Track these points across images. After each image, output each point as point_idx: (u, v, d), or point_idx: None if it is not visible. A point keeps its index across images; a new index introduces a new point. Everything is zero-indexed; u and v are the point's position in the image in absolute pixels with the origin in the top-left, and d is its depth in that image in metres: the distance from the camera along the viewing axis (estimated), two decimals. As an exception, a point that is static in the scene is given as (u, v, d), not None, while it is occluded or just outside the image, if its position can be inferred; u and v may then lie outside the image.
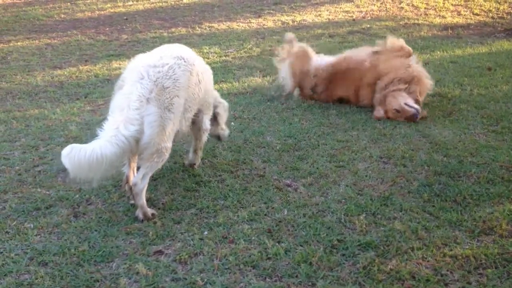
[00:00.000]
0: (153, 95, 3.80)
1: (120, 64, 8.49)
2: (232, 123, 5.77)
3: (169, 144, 3.94)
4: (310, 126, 5.55)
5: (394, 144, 5.06)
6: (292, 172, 4.60)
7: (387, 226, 3.73)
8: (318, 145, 5.11)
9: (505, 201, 3.96)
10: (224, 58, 8.82)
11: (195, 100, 4.21)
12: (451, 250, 3.44)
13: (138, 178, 3.89)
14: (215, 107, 4.73)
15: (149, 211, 3.93)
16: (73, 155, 3.51)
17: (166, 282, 3.25)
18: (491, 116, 5.53)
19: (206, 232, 3.73)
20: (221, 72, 7.93)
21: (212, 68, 8.26)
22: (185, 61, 4.06)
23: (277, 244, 3.57)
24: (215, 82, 7.42)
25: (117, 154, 3.62)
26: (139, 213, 3.92)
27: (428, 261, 3.35)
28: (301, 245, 3.55)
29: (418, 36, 9.54)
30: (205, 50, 9.52)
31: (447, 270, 3.27)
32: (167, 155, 3.97)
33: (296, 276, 3.26)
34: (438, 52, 8.21)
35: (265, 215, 3.94)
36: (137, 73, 3.91)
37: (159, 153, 3.86)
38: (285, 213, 3.96)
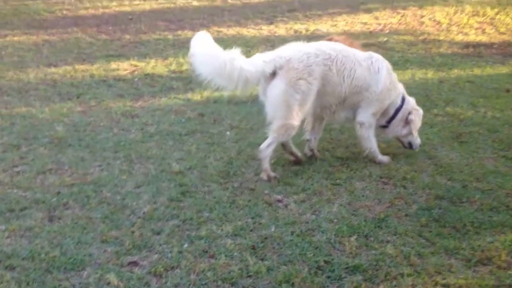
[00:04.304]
0: None
1: (118, 66, 8.63)
2: (228, 132, 5.85)
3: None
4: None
5: (396, 164, 5.08)
6: (284, 187, 4.64)
7: (378, 249, 3.75)
8: (316, 161, 5.15)
9: (507, 230, 3.96)
10: (229, 64, 8.88)
11: None
12: (444, 278, 3.44)
13: (264, 146, 4.74)
14: None
15: (272, 174, 4.74)
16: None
17: (138, 295, 3.29)
18: (503, 141, 5.54)
19: (186, 245, 3.76)
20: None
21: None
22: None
23: (260, 261, 3.60)
24: (216, 90, 7.54)
25: None
26: (263, 175, 4.73)
27: (418, 289, 3.37)
28: (285, 264, 3.58)
29: (437, 52, 9.57)
30: (209, 56, 9.62)
31: (437, 300, 3.28)
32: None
33: (276, 297, 3.29)
34: (456, 71, 8.24)
35: (251, 230, 3.98)
36: None
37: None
38: (272, 229, 3.99)
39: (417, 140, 5.26)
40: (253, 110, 6.56)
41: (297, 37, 10.76)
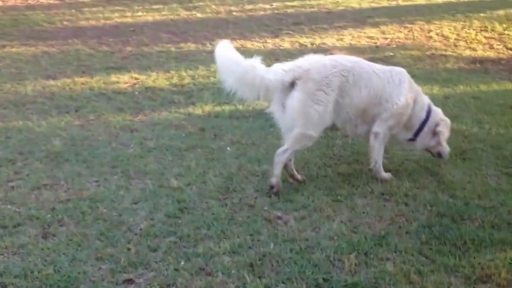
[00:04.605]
0: None
1: (119, 78, 8.75)
2: (229, 148, 5.94)
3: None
4: (312, 156, 5.69)
5: (398, 180, 5.17)
6: (284, 203, 4.73)
7: (378, 267, 3.83)
8: (317, 177, 5.25)
9: (508, 248, 4.04)
10: (231, 78, 9.00)
11: None
12: (444, 297, 3.53)
13: (280, 151, 4.94)
14: None
15: (280, 183, 4.90)
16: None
17: (133, 313, 3.38)
18: (506, 158, 5.62)
19: (182, 263, 3.85)
20: (225, 94, 8.08)
21: (217, 89, 8.57)
22: None
23: (257, 279, 3.68)
24: (218, 104, 7.67)
25: None
26: (273, 180, 4.89)
27: (416, 307, 3.44)
28: (283, 282, 3.66)
29: (443, 68, 9.67)
30: (212, 69, 9.71)
31: (436, 319, 3.35)
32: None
33: (274, 315, 3.37)
34: (461, 86, 8.33)
35: (249, 247, 4.06)
36: None
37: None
38: (271, 247, 4.07)
39: (446, 149, 5.39)
40: (254, 126, 6.67)
41: (302, 50, 10.87)
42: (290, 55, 10.69)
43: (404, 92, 5.13)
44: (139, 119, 6.97)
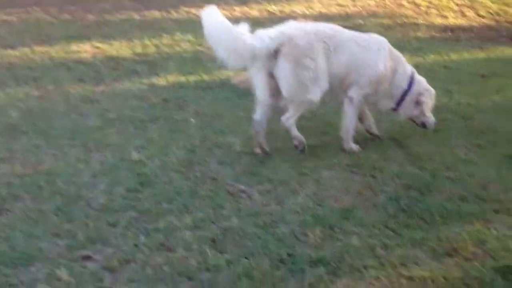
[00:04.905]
0: None
1: (80, 48, 8.53)
2: (192, 119, 5.83)
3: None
4: (278, 128, 5.59)
5: (366, 153, 5.13)
6: (249, 177, 4.65)
7: (343, 241, 3.78)
8: (283, 149, 5.17)
9: (476, 220, 4.03)
10: (197, 47, 8.84)
11: None
12: (408, 270, 3.49)
13: (285, 117, 5.02)
14: None
15: (303, 139, 5.00)
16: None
17: (90, 291, 3.28)
18: (475, 128, 5.63)
19: (142, 238, 3.75)
20: (191, 63, 8.00)
21: (182, 58, 8.42)
22: None
23: (219, 254, 3.61)
24: (182, 74, 7.52)
25: None
26: (295, 142, 5.02)
27: (381, 281, 3.39)
28: (246, 257, 3.59)
29: (414, 36, 9.65)
30: (177, 38, 9.55)
31: (400, 293, 3.33)
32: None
33: (235, 291, 3.31)
34: (432, 55, 8.33)
35: (212, 222, 3.98)
36: None
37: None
38: (234, 221, 3.99)
39: (430, 119, 5.38)
40: (220, 96, 6.56)
41: (271, 19, 10.70)
42: (258, 23, 10.49)
43: (382, 60, 5.12)
44: (100, 89, 6.80)
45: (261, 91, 5.03)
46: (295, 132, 5.03)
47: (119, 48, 8.67)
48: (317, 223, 3.97)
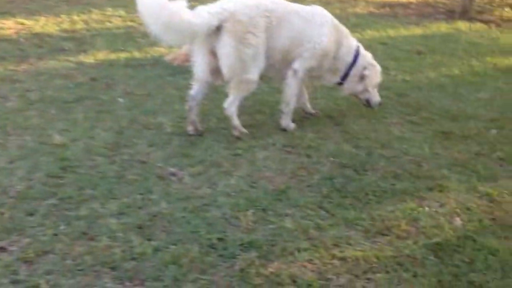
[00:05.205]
0: None
1: (3, 24, 8.11)
2: (121, 99, 5.61)
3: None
4: (212, 107, 5.47)
5: (302, 131, 5.08)
6: (180, 159, 4.50)
7: (276, 223, 3.72)
8: (217, 129, 5.05)
9: (409, 198, 4.05)
10: (129, 23, 8.62)
11: None
12: (341, 251, 3.46)
13: (227, 103, 4.90)
14: None
15: (244, 130, 4.91)
16: None
17: (3, 285, 3.07)
18: (410, 105, 5.67)
19: (62, 227, 3.55)
20: (121, 40, 7.73)
21: (112, 35, 8.14)
22: None
23: (146, 241, 3.47)
24: (112, 51, 7.26)
25: None
26: (235, 132, 4.90)
27: (314, 263, 3.36)
28: (174, 244, 3.47)
29: (353, 12, 9.69)
30: (108, 13, 9.26)
31: (333, 274, 3.28)
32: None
33: (161, 280, 3.17)
34: (369, 32, 8.37)
35: (139, 208, 3.83)
36: None
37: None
38: (163, 206, 3.85)
39: (375, 97, 5.35)
40: (151, 74, 6.36)
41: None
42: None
43: (326, 33, 5.06)
44: (23, 68, 6.46)
45: (200, 68, 4.90)
46: (236, 121, 4.93)
47: (45, 24, 8.30)
48: (250, 206, 3.89)
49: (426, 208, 3.95)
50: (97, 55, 6.98)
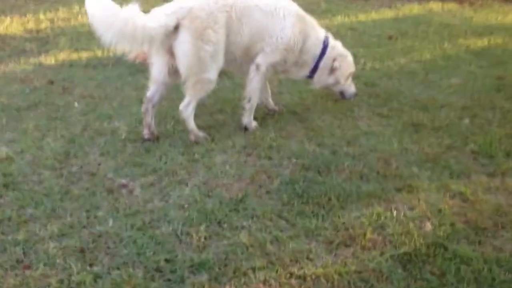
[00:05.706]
0: None
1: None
2: (77, 104, 5.17)
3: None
4: (170, 109, 5.03)
5: (264, 130, 4.65)
6: (132, 168, 4.08)
7: (231, 238, 3.31)
8: (174, 133, 4.63)
9: (376, 202, 3.64)
10: (95, 20, 8.09)
11: None
12: (300, 268, 3.06)
13: (183, 105, 4.49)
14: None
15: (201, 134, 4.54)
16: None
17: None
18: (379, 95, 5.25)
19: (-4, 255, 3.15)
20: (85, 39, 7.26)
21: (77, 33, 7.66)
22: None
23: (87, 267, 3.05)
24: (74, 50, 6.80)
25: None
26: (191, 137, 4.53)
27: (270, 284, 2.96)
28: (118, 268, 3.06)
29: (324, -3, 9.22)
30: (75, 10, 8.77)
31: (290, 297, 2.90)
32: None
33: (100, 313, 2.79)
34: (339, 17, 7.92)
35: (83, 227, 3.40)
36: None
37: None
38: (109, 224, 3.43)
39: (350, 88, 4.99)
40: (112, 75, 5.93)
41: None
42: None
43: (289, 26, 4.64)
44: (-22, 73, 6.00)
45: (157, 69, 4.51)
46: (192, 125, 4.55)
47: (9, 25, 7.83)
48: (203, 220, 3.47)
49: (394, 212, 3.55)
50: (58, 56, 6.53)
